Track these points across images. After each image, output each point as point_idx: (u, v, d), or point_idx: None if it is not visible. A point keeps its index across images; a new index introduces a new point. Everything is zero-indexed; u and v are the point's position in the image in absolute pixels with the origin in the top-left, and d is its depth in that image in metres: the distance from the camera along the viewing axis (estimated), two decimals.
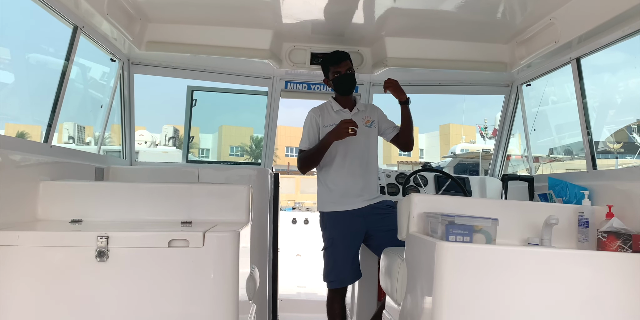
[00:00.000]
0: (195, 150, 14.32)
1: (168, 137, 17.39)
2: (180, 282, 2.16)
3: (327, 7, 3.43)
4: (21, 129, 4.36)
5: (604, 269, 2.05)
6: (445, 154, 25.01)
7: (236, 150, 18.72)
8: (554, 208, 2.69)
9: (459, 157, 19.10)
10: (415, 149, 31.91)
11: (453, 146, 24.74)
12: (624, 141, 8.12)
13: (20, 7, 2.99)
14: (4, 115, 3.65)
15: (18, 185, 2.44)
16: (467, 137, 30.03)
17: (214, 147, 15.95)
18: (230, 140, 17.48)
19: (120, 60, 4.03)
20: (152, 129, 17.74)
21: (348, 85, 3.43)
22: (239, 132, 16.73)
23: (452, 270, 2.00)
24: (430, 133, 43.84)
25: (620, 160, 8.43)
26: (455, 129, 38.06)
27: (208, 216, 2.64)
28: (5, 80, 3.65)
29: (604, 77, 4.44)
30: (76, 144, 6.17)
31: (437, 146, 39.92)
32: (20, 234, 2.11)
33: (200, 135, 13.99)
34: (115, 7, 3.23)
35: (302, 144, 3.41)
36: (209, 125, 11.42)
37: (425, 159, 38.95)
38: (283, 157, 41.10)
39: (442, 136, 40.60)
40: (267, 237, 4.23)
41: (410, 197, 2.58)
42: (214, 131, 15.30)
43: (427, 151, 42.93)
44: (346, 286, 3.46)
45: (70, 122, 6.02)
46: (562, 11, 3.23)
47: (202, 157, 15.86)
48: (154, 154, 15.06)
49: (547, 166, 6.94)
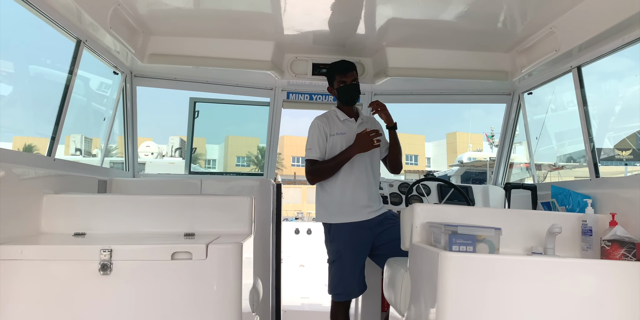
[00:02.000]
0: (202, 161, 14.34)
1: (175, 148, 17.40)
2: (183, 295, 2.16)
3: (329, 18, 3.46)
4: (29, 142, 4.39)
5: (608, 278, 2.04)
6: (452, 162, 25.02)
7: (243, 161, 18.75)
8: (557, 216, 2.69)
9: (466, 165, 19.07)
10: (423, 157, 31.95)
11: (460, 155, 24.74)
12: (633, 148, 8.10)
13: (24, 20, 3.02)
14: (12, 128, 3.66)
15: (21, 199, 2.45)
16: (474, 146, 30.01)
17: (221, 158, 16.00)
18: (236, 151, 17.53)
19: (123, 73, 4.06)
20: (158, 140, 17.79)
21: (352, 96, 3.43)
22: (246, 142, 16.75)
23: (456, 280, 1.99)
24: (437, 141, 43.86)
25: (630, 167, 8.39)
26: (462, 137, 38.05)
27: (211, 228, 2.64)
28: (12, 93, 3.68)
29: (612, 83, 4.43)
30: (83, 156, 6.20)
31: (444, 155, 39.90)
32: (23, 248, 2.12)
33: (207, 146, 14.04)
34: (118, 20, 3.26)
35: (313, 154, 3.34)
36: (216, 135, 11.46)
37: (432, 167, 38.92)
38: (289, 167, 41.17)
39: (449, 145, 40.60)
40: (270, 248, 4.22)
41: (412, 207, 2.58)
42: (221, 142, 15.34)
43: (434, 160, 42.93)
44: (351, 299, 3.43)
45: (78, 134, 6.05)
46: (562, 20, 3.24)
47: (208, 167, 15.89)
48: (161, 165, 15.08)
49: (555, 173, 6.91)
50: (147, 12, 3.43)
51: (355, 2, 3.22)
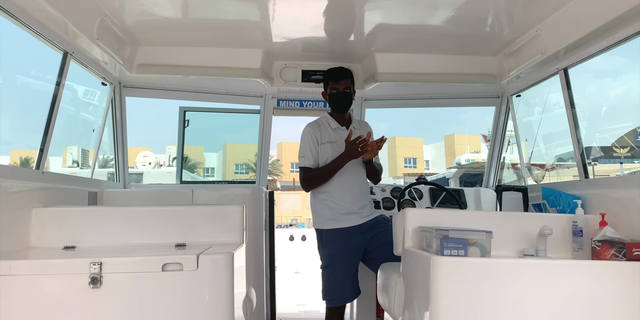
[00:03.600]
0: (200, 170, 14.28)
1: (172, 158, 17.30)
2: (175, 306, 2.14)
3: (317, 25, 3.47)
4: (25, 155, 4.35)
5: (599, 278, 2.05)
6: (451, 164, 25.01)
7: (241, 168, 18.65)
8: (548, 218, 2.70)
9: (464, 167, 19.03)
10: (421, 160, 31.86)
11: (458, 157, 24.74)
12: (632, 145, 8.14)
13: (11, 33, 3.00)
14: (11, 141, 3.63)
15: (10, 213, 2.43)
16: (472, 147, 30.00)
17: (219, 166, 15.94)
18: (235, 158, 17.42)
19: (112, 84, 4.05)
20: (156, 150, 17.70)
21: (342, 104, 3.43)
22: (244, 150, 16.65)
23: (448, 284, 2.00)
24: (435, 144, 43.80)
25: (627, 164, 8.43)
26: (459, 139, 38.07)
27: (202, 238, 2.63)
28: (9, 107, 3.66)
29: (608, 82, 4.45)
30: (80, 168, 6.18)
31: (442, 157, 39.88)
32: (12, 263, 2.10)
33: (205, 154, 13.99)
34: (105, 31, 3.25)
35: (306, 161, 3.36)
36: (213, 144, 11.41)
37: (431, 170, 38.84)
38: (288, 173, 41.13)
39: (447, 147, 40.56)
40: (264, 256, 4.21)
41: (404, 212, 2.58)
42: (219, 150, 15.28)
43: (432, 162, 42.87)
44: (345, 304, 3.43)
45: (75, 146, 6.02)
46: (548, 23, 3.27)
47: (207, 176, 15.82)
48: (158, 175, 14.99)
49: (554, 173, 6.92)
50: (134, 23, 3.42)
51: (344, 9, 3.23)
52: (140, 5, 3.12)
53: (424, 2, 3.12)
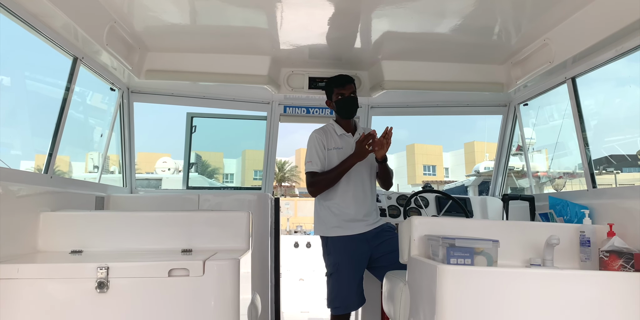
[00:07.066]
0: (219, 176, 14.30)
1: (190, 163, 17.22)
2: (181, 312, 2.14)
3: (325, 33, 3.48)
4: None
5: (606, 289, 2.04)
6: (470, 172, 24.89)
7: (260, 174, 18.70)
8: (555, 228, 2.68)
9: (482, 175, 18.89)
10: (441, 168, 31.47)
11: (477, 164, 24.62)
12: None
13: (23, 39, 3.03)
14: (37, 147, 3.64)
15: (18, 217, 2.44)
16: (491, 155, 29.69)
17: (238, 172, 15.98)
18: (254, 165, 17.44)
19: (120, 89, 4.07)
20: (176, 156, 17.67)
21: (350, 108, 3.44)
22: (262, 156, 16.59)
23: (454, 293, 1.99)
24: (455, 151, 43.36)
25: None
26: (479, 146, 37.67)
27: (208, 244, 2.64)
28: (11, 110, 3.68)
29: (628, 88, 4.40)
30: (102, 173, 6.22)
31: (462, 164, 39.52)
32: (20, 267, 2.10)
33: (225, 161, 14.03)
34: (114, 37, 3.27)
35: (312, 166, 3.36)
36: (233, 150, 11.43)
37: (451, 177, 38.44)
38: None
39: (467, 154, 40.10)
40: (269, 263, 4.20)
41: (410, 220, 2.58)
42: (238, 156, 15.34)
43: (452, 170, 42.41)
44: (350, 312, 3.42)
45: (95, 152, 6.07)
46: (556, 32, 3.27)
47: (226, 181, 15.85)
48: (177, 180, 14.95)
49: (577, 181, 6.86)
50: (144, 29, 3.45)
51: (351, 17, 3.25)
52: (149, 11, 3.15)
53: (432, 11, 3.13)
